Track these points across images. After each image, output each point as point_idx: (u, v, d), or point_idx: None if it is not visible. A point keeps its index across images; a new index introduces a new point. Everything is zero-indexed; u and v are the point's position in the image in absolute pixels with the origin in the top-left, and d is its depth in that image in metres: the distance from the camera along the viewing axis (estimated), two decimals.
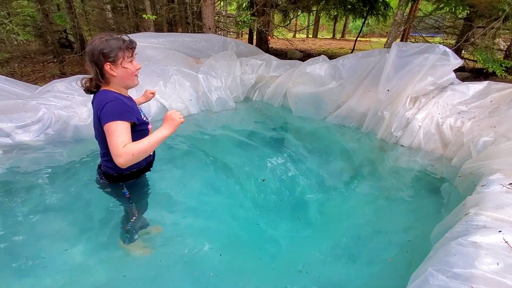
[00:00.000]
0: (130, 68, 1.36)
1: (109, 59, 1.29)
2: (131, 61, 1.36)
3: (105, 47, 1.28)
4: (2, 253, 1.55)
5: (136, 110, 1.46)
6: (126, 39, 1.34)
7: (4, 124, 2.38)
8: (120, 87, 1.41)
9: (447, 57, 2.74)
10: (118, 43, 1.30)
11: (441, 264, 1.08)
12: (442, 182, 2.36)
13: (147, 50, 3.81)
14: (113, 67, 1.31)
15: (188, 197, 2.09)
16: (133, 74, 1.39)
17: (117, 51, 1.29)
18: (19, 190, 2.03)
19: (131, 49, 1.35)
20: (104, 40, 1.29)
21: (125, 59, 1.33)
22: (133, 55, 1.37)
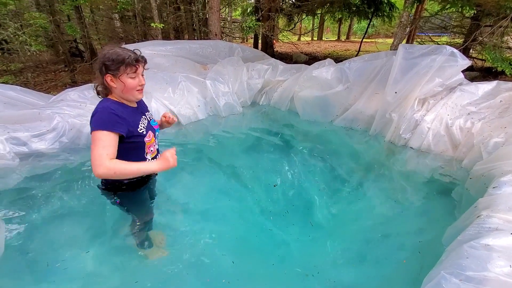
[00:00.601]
0: (130, 84, 1.36)
1: (109, 71, 1.31)
2: (133, 77, 1.36)
3: (108, 60, 1.30)
4: (19, 258, 1.60)
5: (132, 122, 1.42)
6: (131, 55, 1.34)
7: (20, 133, 2.46)
8: (121, 98, 1.43)
9: (455, 58, 2.73)
10: (122, 58, 1.31)
11: (453, 267, 1.08)
12: (453, 184, 2.34)
13: (155, 57, 3.89)
14: (113, 79, 1.33)
15: (198, 202, 2.12)
16: (132, 89, 1.39)
17: (118, 65, 1.31)
18: (36, 196, 2.09)
19: (134, 66, 1.34)
20: (111, 52, 1.32)
21: (126, 74, 1.33)
22: (136, 71, 1.36)
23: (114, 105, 1.38)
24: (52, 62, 6.73)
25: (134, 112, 1.48)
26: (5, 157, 2.32)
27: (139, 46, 3.98)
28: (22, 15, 6.03)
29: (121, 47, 1.38)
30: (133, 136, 1.41)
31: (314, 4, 7.48)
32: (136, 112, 1.49)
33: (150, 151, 1.55)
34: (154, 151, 1.60)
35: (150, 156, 1.57)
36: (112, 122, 1.30)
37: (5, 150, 2.32)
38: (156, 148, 1.63)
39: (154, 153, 1.61)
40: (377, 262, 1.64)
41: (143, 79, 1.43)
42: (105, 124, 1.28)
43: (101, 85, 1.40)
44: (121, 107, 1.40)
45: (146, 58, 1.45)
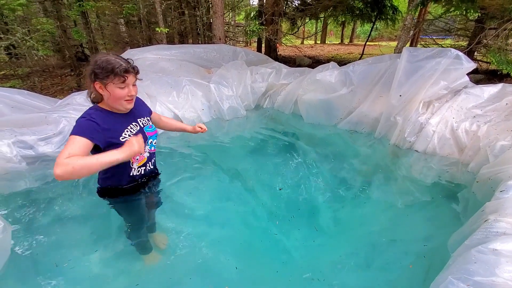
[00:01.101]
0: (117, 93, 1.33)
1: (98, 79, 1.29)
2: (122, 87, 1.33)
3: (98, 67, 1.28)
4: (25, 260, 1.61)
5: (114, 131, 1.39)
6: (122, 65, 1.30)
7: (27, 137, 2.49)
8: (111, 106, 1.41)
9: (459, 60, 2.71)
10: (112, 67, 1.27)
11: (461, 272, 1.07)
12: (459, 187, 2.31)
13: (160, 62, 3.92)
14: (102, 87, 1.31)
15: (202, 205, 2.12)
16: (119, 99, 1.36)
17: (107, 74, 1.28)
18: (42, 199, 2.12)
19: (122, 76, 1.30)
20: (102, 59, 1.29)
21: (114, 84, 1.30)
22: (125, 82, 1.32)
23: (97, 113, 1.36)
24: (59, 66, 6.83)
25: (122, 120, 1.44)
26: (12, 160, 2.34)
27: (144, 51, 4.05)
28: (29, 20, 6.14)
29: (115, 55, 1.35)
30: (113, 145, 1.36)
31: (317, 8, 7.51)
32: (124, 119, 1.45)
33: (135, 159, 1.51)
34: (141, 159, 1.55)
35: (137, 165, 1.53)
36: (89, 129, 1.28)
37: (12, 154, 2.35)
38: (147, 155, 1.58)
39: (142, 161, 1.55)
40: (383, 267, 1.63)
41: (133, 89, 1.39)
42: (82, 131, 1.26)
43: (92, 92, 1.39)
44: (105, 115, 1.37)
45: (138, 68, 1.40)
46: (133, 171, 1.54)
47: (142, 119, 1.56)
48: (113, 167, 1.42)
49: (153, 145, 1.63)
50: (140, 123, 1.52)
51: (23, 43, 5.10)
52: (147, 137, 1.55)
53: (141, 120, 1.54)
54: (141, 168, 1.57)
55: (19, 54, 5.83)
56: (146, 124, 1.57)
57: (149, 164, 1.63)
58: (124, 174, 1.52)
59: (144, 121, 1.57)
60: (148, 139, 1.56)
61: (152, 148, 1.62)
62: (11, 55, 6.07)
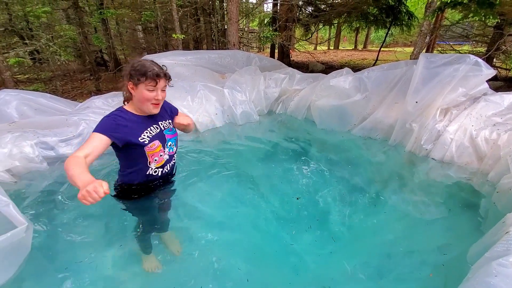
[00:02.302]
0: (146, 95, 1.41)
1: (131, 79, 1.40)
2: (151, 90, 1.42)
3: (134, 69, 1.39)
4: (44, 257, 1.66)
5: (133, 131, 1.46)
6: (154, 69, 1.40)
7: (49, 138, 2.60)
8: (137, 108, 1.50)
9: (479, 67, 2.64)
10: (145, 70, 1.38)
11: (481, 285, 1.04)
12: (479, 197, 2.23)
13: (176, 67, 4.01)
14: (134, 87, 1.42)
15: (214, 210, 2.12)
16: (147, 101, 1.44)
17: (140, 76, 1.38)
18: (61, 198, 2.18)
19: (153, 79, 1.39)
20: (138, 63, 1.42)
21: (145, 85, 1.40)
22: (155, 86, 1.41)
23: (122, 113, 1.47)
24: (79, 71, 7.10)
25: (143, 121, 1.52)
26: (34, 161, 2.45)
27: (160, 56, 4.16)
28: (53, 27, 6.43)
29: (151, 61, 1.45)
30: (131, 145, 1.46)
31: (331, 14, 7.51)
32: (145, 121, 1.53)
33: (154, 160, 1.57)
34: (160, 161, 1.60)
35: (155, 165, 1.58)
36: (109, 128, 1.39)
37: (34, 154, 2.45)
38: (166, 158, 1.63)
39: (161, 163, 1.61)
40: (398, 278, 1.58)
41: (160, 94, 1.45)
42: (102, 128, 1.37)
43: (126, 91, 1.50)
44: (128, 116, 1.47)
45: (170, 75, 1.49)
46: (150, 171, 1.59)
47: (164, 122, 1.63)
48: (133, 165, 1.55)
49: (172, 147, 1.68)
50: (161, 125, 1.60)
51: (46, 49, 5.34)
52: (166, 139, 1.62)
53: (162, 123, 1.61)
54: (159, 169, 1.62)
55: (42, 59, 6.10)
56: (167, 127, 1.64)
57: (167, 166, 1.68)
58: (141, 173, 1.58)
59: (165, 124, 1.64)
60: (167, 142, 1.63)
61: (171, 150, 1.68)
62: (35, 59, 6.36)
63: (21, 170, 2.40)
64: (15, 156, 2.34)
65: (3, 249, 1.34)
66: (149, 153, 1.53)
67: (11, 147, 2.34)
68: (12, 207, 1.46)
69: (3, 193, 1.50)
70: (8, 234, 1.34)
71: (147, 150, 1.52)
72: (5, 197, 1.48)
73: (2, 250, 1.34)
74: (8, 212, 1.43)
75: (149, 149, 1.52)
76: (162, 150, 1.59)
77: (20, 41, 5.82)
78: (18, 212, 1.47)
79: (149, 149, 1.52)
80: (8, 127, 2.57)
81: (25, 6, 5.56)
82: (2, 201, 1.45)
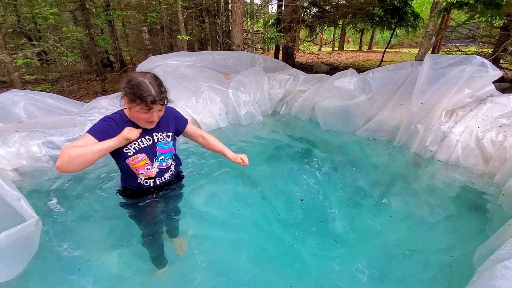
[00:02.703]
0: (140, 116, 1.35)
1: (127, 96, 1.31)
2: (145, 112, 1.33)
3: (130, 88, 1.29)
4: (50, 255, 1.67)
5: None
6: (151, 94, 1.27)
7: (55, 138, 2.63)
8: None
9: (485, 68, 2.62)
10: (140, 94, 1.27)
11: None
12: (484, 200, 2.21)
13: (181, 68, 4.05)
14: (128, 104, 1.34)
15: (217, 210, 2.12)
16: (141, 120, 1.38)
17: (134, 98, 1.29)
18: (67, 197, 2.21)
19: (148, 106, 1.29)
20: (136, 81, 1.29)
21: (139, 108, 1.31)
22: (150, 110, 1.32)
23: (118, 118, 1.41)
24: (85, 72, 7.19)
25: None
26: (41, 160, 2.49)
27: (165, 57, 4.19)
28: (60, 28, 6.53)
29: (151, 78, 1.32)
30: (116, 152, 1.42)
31: (336, 15, 7.50)
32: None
33: (140, 173, 1.52)
34: (148, 174, 1.55)
35: (143, 177, 1.55)
36: (101, 131, 1.35)
37: (41, 153, 2.49)
38: (155, 171, 1.57)
39: (149, 175, 1.56)
40: (402, 281, 1.57)
41: (157, 114, 1.39)
42: (95, 130, 1.35)
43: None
44: (124, 122, 1.41)
45: (167, 98, 1.38)
46: (140, 181, 1.57)
47: (160, 134, 1.54)
48: (123, 170, 1.52)
49: (165, 161, 1.61)
50: (154, 138, 1.51)
51: (54, 50, 5.43)
52: (157, 153, 1.54)
53: (157, 135, 1.52)
54: (150, 180, 1.59)
55: (50, 60, 6.20)
56: (162, 140, 1.55)
57: (160, 179, 1.63)
58: (133, 180, 1.57)
59: (161, 137, 1.54)
60: (159, 156, 1.55)
61: (164, 164, 1.61)
62: (42, 60, 6.46)
63: (28, 169, 2.44)
64: (23, 155, 2.38)
65: (14, 242, 1.36)
66: (132, 166, 1.48)
67: (19, 146, 2.38)
68: (23, 201, 1.47)
69: (14, 188, 1.52)
70: (19, 227, 1.36)
71: (128, 162, 1.46)
72: (16, 191, 1.50)
73: (13, 243, 1.36)
74: (20, 206, 1.45)
75: (131, 162, 1.47)
76: (149, 164, 1.53)
77: (28, 42, 5.92)
78: (28, 206, 1.48)
79: (131, 162, 1.47)
80: (16, 127, 2.61)
81: (33, 8, 5.65)
82: (13, 195, 1.47)
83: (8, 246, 1.34)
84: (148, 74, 1.34)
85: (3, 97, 2.95)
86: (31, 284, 1.49)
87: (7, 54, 4.42)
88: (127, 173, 1.55)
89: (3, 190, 1.46)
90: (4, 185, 1.47)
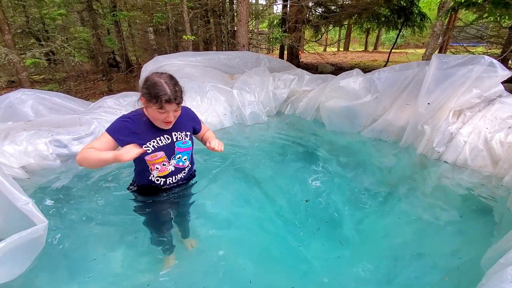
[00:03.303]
0: (156, 116, 1.37)
1: (143, 96, 1.35)
2: (161, 113, 1.35)
3: (146, 88, 1.32)
4: (57, 252, 1.69)
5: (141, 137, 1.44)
6: (166, 93, 1.30)
7: (62, 136, 2.66)
8: None
9: (494, 68, 2.58)
10: (156, 93, 1.30)
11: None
12: (493, 202, 2.17)
13: (186, 68, 4.06)
14: (146, 104, 1.37)
15: (221, 209, 2.13)
16: (157, 120, 1.40)
17: (150, 98, 1.31)
18: (74, 195, 2.23)
19: (163, 106, 1.32)
20: (152, 81, 1.32)
21: (154, 107, 1.33)
22: (164, 108, 1.33)
23: (138, 117, 1.44)
24: (92, 72, 7.27)
25: (156, 130, 1.48)
26: (48, 158, 2.51)
27: (171, 57, 4.21)
28: (68, 29, 6.60)
29: (167, 78, 1.35)
30: None
31: (341, 15, 7.46)
32: (158, 130, 1.48)
33: (155, 168, 1.53)
34: (163, 170, 1.56)
35: (157, 174, 1.55)
36: (118, 130, 1.40)
37: (48, 152, 2.52)
38: (171, 169, 1.58)
39: (163, 172, 1.57)
40: (408, 283, 1.55)
41: (173, 114, 1.39)
42: (112, 130, 1.41)
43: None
44: (143, 121, 1.44)
45: (182, 98, 1.39)
46: (152, 178, 1.57)
47: (179, 133, 1.56)
48: (137, 165, 1.55)
49: (182, 160, 1.61)
50: (173, 137, 1.54)
51: (61, 50, 5.50)
52: (175, 152, 1.56)
53: (175, 134, 1.55)
54: (161, 178, 1.58)
55: (57, 60, 6.27)
56: (181, 139, 1.57)
57: (172, 178, 1.62)
58: (144, 177, 1.58)
59: (180, 136, 1.57)
60: (176, 154, 1.57)
61: (181, 163, 1.62)
62: (50, 60, 6.54)
63: (35, 167, 2.46)
64: (30, 153, 2.41)
65: (22, 244, 1.37)
66: (148, 162, 1.50)
67: (26, 144, 2.41)
68: (31, 205, 1.47)
69: (22, 192, 1.51)
70: (29, 231, 1.37)
71: (146, 159, 1.48)
72: (24, 195, 1.50)
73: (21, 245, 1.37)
74: (29, 210, 1.45)
75: (149, 159, 1.49)
76: (166, 161, 1.54)
77: (36, 43, 6.00)
78: (37, 210, 1.49)
79: (149, 159, 1.49)
80: (24, 125, 2.64)
81: (42, 8, 5.73)
82: (22, 200, 1.47)
83: (17, 247, 1.36)
84: (164, 74, 1.37)
85: (12, 96, 2.99)
86: (38, 281, 1.51)
87: (16, 54, 4.49)
88: (141, 168, 1.56)
89: (12, 194, 1.46)
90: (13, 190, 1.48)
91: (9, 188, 1.47)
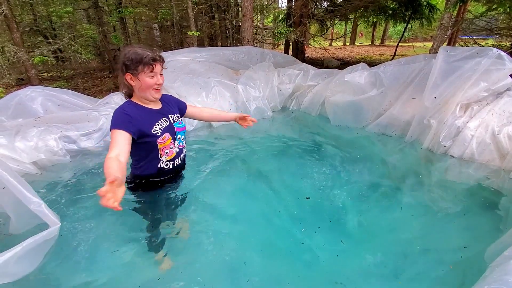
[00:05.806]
0: (147, 82, 1.42)
1: (129, 70, 1.39)
2: (151, 76, 1.41)
3: (128, 59, 1.38)
4: (66, 246, 1.73)
5: (146, 122, 1.47)
6: (149, 54, 1.38)
7: (71, 132, 2.72)
8: (141, 98, 1.51)
9: (502, 61, 2.53)
10: (140, 57, 1.36)
11: (499, 283, 1.01)
12: (500, 197, 2.15)
13: (191, 64, 4.08)
14: (133, 78, 1.41)
15: (224, 203, 2.14)
16: (149, 88, 1.44)
17: (137, 64, 1.36)
18: (83, 190, 2.28)
19: (151, 65, 1.38)
20: (130, 52, 1.39)
21: (144, 73, 1.39)
22: (153, 70, 1.41)
23: (130, 106, 1.48)
24: (99, 69, 7.35)
25: (153, 113, 1.54)
26: (58, 154, 2.57)
27: (176, 53, 4.23)
28: (74, 27, 6.67)
29: (140, 47, 1.43)
30: (144, 136, 1.47)
31: (347, 8, 7.35)
32: (155, 113, 1.55)
33: (164, 153, 1.58)
34: (170, 154, 1.62)
35: (166, 158, 1.61)
36: (123, 122, 1.40)
37: (58, 147, 2.58)
38: (176, 151, 1.66)
39: (171, 156, 1.63)
40: (414, 278, 1.55)
41: (161, 78, 1.48)
42: (118, 124, 1.40)
43: (124, 86, 1.50)
44: (137, 108, 1.48)
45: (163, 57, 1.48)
46: (161, 164, 1.62)
47: (173, 115, 1.67)
48: (144, 157, 1.58)
49: (181, 140, 1.71)
50: (170, 118, 1.64)
51: (68, 47, 5.56)
52: (176, 132, 1.65)
53: (172, 116, 1.65)
54: (170, 162, 1.66)
55: (65, 57, 6.36)
56: (176, 120, 1.68)
57: (178, 160, 1.71)
58: (152, 166, 1.61)
59: (175, 117, 1.68)
60: (177, 135, 1.66)
61: (181, 143, 1.71)
62: (57, 58, 6.63)
63: (46, 162, 2.53)
64: (41, 149, 2.47)
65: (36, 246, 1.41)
66: (161, 146, 1.56)
67: (37, 140, 2.47)
68: (44, 207, 1.50)
69: (34, 194, 1.54)
70: (43, 233, 1.40)
71: (159, 142, 1.54)
72: (36, 198, 1.52)
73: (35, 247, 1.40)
74: (42, 212, 1.48)
75: (161, 142, 1.55)
76: (172, 143, 1.62)
77: (44, 40, 6.09)
78: (50, 212, 1.52)
79: (161, 142, 1.55)
80: (34, 122, 2.70)
81: (49, 6, 5.80)
82: (34, 202, 1.49)
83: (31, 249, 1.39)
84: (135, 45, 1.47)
85: (22, 94, 3.06)
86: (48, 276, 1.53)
87: (24, 52, 4.56)
88: (149, 158, 1.58)
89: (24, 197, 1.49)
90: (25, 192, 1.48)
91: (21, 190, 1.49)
